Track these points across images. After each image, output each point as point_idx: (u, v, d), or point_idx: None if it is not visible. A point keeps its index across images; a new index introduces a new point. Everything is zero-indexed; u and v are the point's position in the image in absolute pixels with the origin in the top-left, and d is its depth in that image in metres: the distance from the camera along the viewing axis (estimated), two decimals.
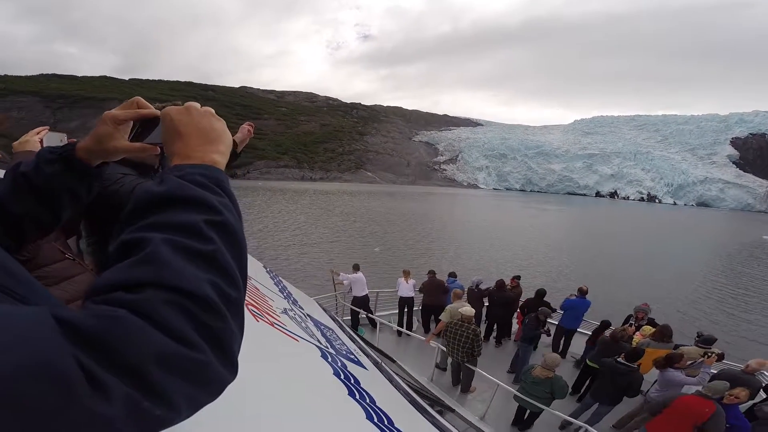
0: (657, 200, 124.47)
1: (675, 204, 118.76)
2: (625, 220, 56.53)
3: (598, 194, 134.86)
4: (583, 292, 7.60)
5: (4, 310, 0.32)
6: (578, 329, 7.77)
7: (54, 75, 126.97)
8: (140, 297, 0.35)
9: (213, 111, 0.63)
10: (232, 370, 0.39)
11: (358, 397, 2.01)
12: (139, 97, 0.67)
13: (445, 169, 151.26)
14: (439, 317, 6.89)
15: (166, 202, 0.45)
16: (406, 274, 8.65)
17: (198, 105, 0.62)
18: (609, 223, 50.19)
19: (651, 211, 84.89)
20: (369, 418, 1.82)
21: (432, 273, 8.78)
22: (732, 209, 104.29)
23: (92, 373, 0.30)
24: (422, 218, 38.75)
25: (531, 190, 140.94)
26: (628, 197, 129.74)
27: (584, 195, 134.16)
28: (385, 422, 1.91)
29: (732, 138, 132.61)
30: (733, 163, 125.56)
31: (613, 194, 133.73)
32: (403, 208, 47.68)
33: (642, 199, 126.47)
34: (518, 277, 8.66)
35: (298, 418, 1.42)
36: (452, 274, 9.19)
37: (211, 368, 0.37)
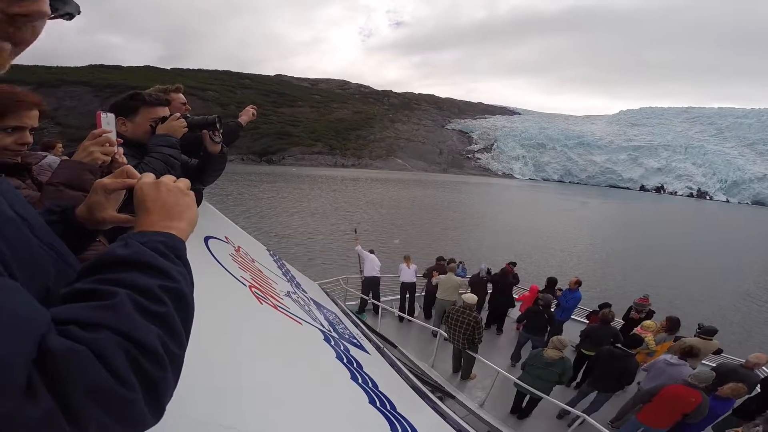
0: (708, 197, 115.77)
1: (728, 201, 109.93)
2: (670, 216, 53.16)
3: (642, 188, 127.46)
4: (579, 284, 7.68)
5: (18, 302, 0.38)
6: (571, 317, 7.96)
7: (101, 65, 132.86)
8: (98, 337, 0.40)
9: (184, 186, 0.69)
10: (156, 414, 0.43)
11: (360, 381, 2.01)
12: (129, 166, 0.75)
13: (479, 158, 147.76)
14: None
15: (131, 264, 0.50)
16: (407, 259, 8.65)
17: (171, 180, 0.68)
18: (653, 220, 47.35)
19: (701, 207, 79.29)
20: (371, 402, 1.82)
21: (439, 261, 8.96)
22: None
23: (32, 383, 0.35)
24: (450, 210, 38.18)
25: (570, 182, 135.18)
26: (675, 192, 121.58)
27: (627, 188, 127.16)
28: (387, 407, 1.91)
29: None
30: None
31: (659, 188, 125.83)
32: (432, 199, 47.08)
33: (691, 195, 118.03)
34: (513, 264, 8.64)
35: (301, 401, 1.44)
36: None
37: (136, 407, 0.40)
